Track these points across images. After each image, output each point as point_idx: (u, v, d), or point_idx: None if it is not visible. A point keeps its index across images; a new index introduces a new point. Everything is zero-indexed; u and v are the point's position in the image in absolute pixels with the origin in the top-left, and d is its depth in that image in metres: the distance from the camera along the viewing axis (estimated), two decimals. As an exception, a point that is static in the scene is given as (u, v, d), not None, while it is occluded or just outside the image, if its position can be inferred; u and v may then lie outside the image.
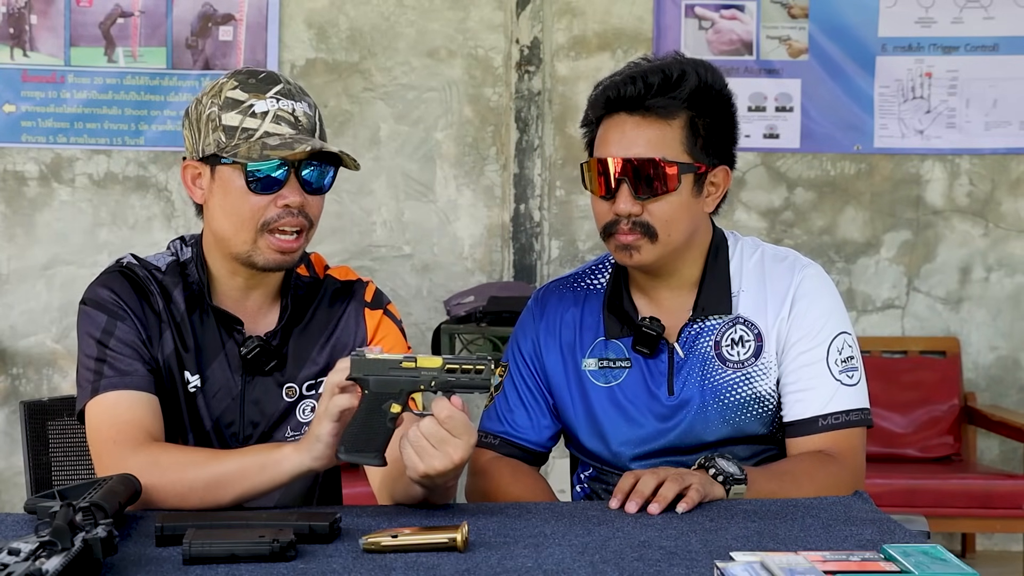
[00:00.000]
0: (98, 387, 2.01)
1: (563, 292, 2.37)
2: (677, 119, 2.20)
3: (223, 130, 2.02)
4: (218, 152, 2.03)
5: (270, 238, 2.03)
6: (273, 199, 2.02)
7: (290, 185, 2.03)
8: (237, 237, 2.04)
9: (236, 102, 2.03)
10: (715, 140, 2.24)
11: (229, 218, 2.05)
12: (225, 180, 2.04)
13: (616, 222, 2.20)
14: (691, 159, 2.20)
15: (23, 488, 2.70)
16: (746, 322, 2.26)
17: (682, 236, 2.22)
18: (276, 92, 2.04)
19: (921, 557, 1.48)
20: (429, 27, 5.18)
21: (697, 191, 2.22)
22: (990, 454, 5.20)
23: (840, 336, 2.25)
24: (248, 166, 2.00)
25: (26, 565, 1.38)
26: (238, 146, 2.01)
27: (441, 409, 1.82)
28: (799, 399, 2.23)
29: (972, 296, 5.24)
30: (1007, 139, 5.20)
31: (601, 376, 2.29)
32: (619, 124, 2.21)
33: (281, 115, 2.02)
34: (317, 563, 1.60)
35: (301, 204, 2.03)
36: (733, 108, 2.28)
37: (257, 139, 2.01)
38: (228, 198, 2.04)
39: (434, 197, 5.21)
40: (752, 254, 2.31)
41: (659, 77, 2.19)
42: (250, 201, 2.02)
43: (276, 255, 2.04)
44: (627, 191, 2.18)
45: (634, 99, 2.19)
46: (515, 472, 2.29)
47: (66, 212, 5.13)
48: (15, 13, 5.05)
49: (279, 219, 2.02)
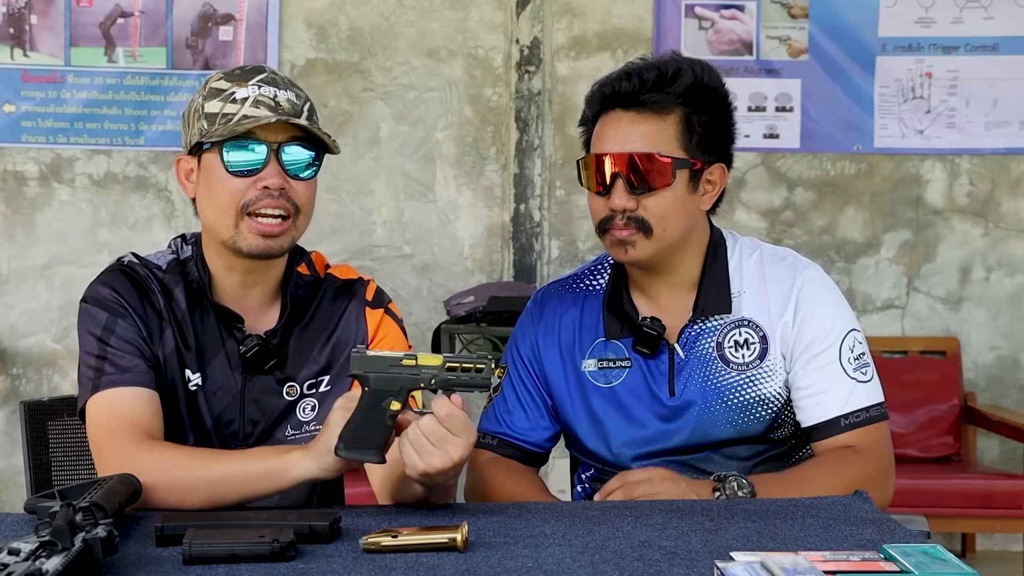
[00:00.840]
0: (99, 384, 2.01)
1: (562, 293, 2.37)
2: (672, 115, 2.20)
3: (205, 118, 2.04)
4: (201, 140, 2.05)
5: (251, 221, 2.03)
6: (253, 181, 2.03)
7: (270, 168, 2.03)
8: (221, 223, 2.05)
9: (218, 91, 2.05)
10: (711, 138, 2.24)
11: (213, 204, 2.06)
12: (208, 167, 2.06)
13: (611, 218, 2.20)
14: (686, 155, 2.21)
15: (23, 488, 2.70)
16: (750, 323, 2.26)
17: (677, 232, 2.22)
18: (259, 80, 2.05)
19: (921, 557, 1.48)
20: (429, 27, 5.18)
21: (692, 188, 2.23)
22: (990, 454, 5.20)
23: (850, 334, 2.25)
24: (224, 148, 2.02)
25: (26, 565, 1.37)
26: (216, 130, 2.02)
27: (441, 407, 1.82)
28: (817, 402, 2.23)
29: (972, 296, 5.24)
30: (1007, 139, 5.20)
31: (601, 376, 2.29)
32: (615, 120, 2.22)
33: (261, 100, 2.03)
34: (317, 563, 1.59)
35: (281, 186, 2.03)
36: (730, 106, 2.28)
37: (234, 123, 2.02)
38: (210, 184, 2.06)
39: (434, 197, 5.22)
40: (751, 254, 2.31)
41: (654, 74, 2.20)
42: (230, 184, 2.03)
43: (258, 239, 2.04)
44: (622, 186, 2.18)
45: (629, 95, 2.20)
46: (510, 471, 2.29)
47: (66, 212, 5.13)
48: (15, 13, 5.05)
49: (258, 201, 2.03)
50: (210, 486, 1.90)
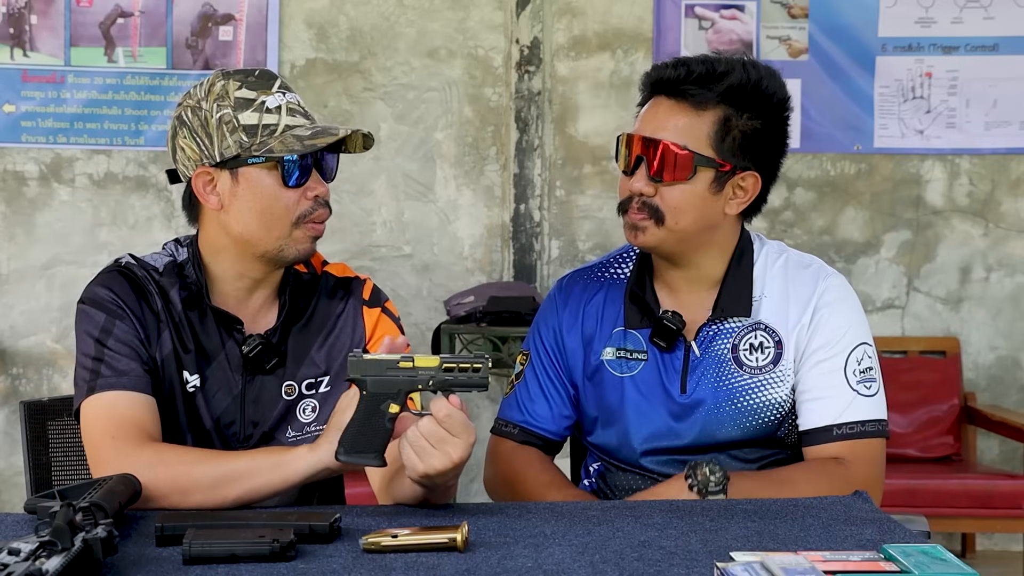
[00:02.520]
0: (94, 386, 2.01)
1: (588, 281, 2.37)
2: (709, 112, 2.19)
3: (243, 130, 2.02)
4: (242, 153, 2.02)
5: (307, 227, 2.06)
6: (302, 192, 2.04)
7: (314, 176, 2.05)
8: (269, 235, 2.04)
9: (248, 101, 2.03)
10: (753, 144, 2.20)
11: (260, 217, 2.04)
12: (252, 180, 2.03)
13: (630, 199, 2.21)
14: (715, 155, 2.19)
15: (23, 488, 2.70)
16: (767, 328, 2.25)
17: (691, 227, 2.21)
18: (279, 87, 2.06)
19: (921, 557, 1.48)
20: (429, 27, 5.18)
21: (716, 188, 2.21)
22: (990, 454, 5.20)
23: (860, 347, 2.25)
24: (285, 161, 2.01)
25: (26, 565, 1.37)
26: (265, 143, 2.01)
27: (440, 408, 1.82)
28: (815, 408, 2.22)
29: (972, 296, 5.24)
30: (1007, 139, 5.20)
31: (617, 366, 2.29)
32: (655, 105, 2.24)
33: (292, 107, 2.05)
34: (317, 563, 1.59)
35: (327, 193, 2.06)
36: (785, 118, 2.24)
37: (282, 133, 2.01)
38: (258, 198, 2.04)
39: (434, 197, 5.21)
40: (777, 259, 2.30)
41: (703, 67, 2.20)
42: (284, 197, 2.03)
43: (309, 244, 2.07)
44: (643, 170, 2.20)
45: (672, 83, 2.21)
46: (543, 464, 2.31)
47: (66, 212, 5.13)
48: (15, 13, 5.05)
49: (313, 211, 2.05)
50: (214, 481, 1.89)
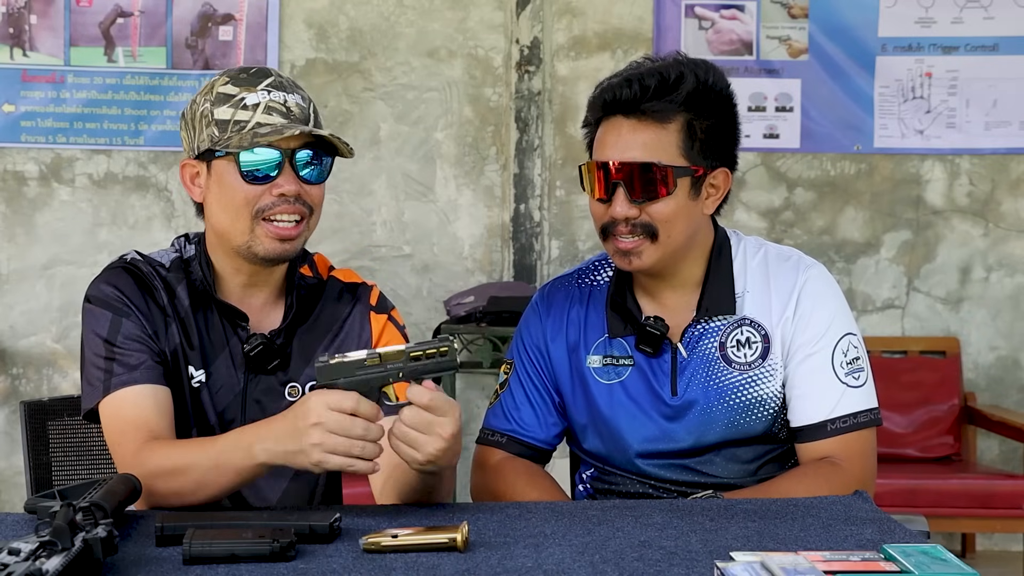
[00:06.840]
0: (109, 386, 2.02)
1: (569, 289, 2.37)
2: (673, 122, 2.18)
3: (216, 124, 2.04)
4: (212, 147, 2.04)
5: (267, 226, 2.03)
6: (268, 188, 2.03)
7: (285, 174, 2.03)
8: (234, 228, 2.05)
9: (227, 96, 2.04)
10: (714, 142, 2.22)
11: (226, 211, 2.05)
12: (220, 174, 2.05)
13: (614, 223, 2.19)
14: (688, 162, 2.19)
15: (23, 488, 2.70)
16: (752, 323, 2.25)
17: (682, 237, 2.21)
18: (267, 85, 2.05)
19: (921, 557, 1.48)
20: (429, 27, 5.18)
21: (695, 194, 2.21)
22: (990, 454, 5.20)
23: (845, 338, 2.24)
24: (240, 156, 2.01)
25: (26, 565, 1.37)
26: (231, 138, 2.02)
27: (420, 396, 1.82)
28: (805, 405, 2.22)
29: (972, 296, 5.24)
30: (1007, 139, 5.20)
31: (604, 373, 2.28)
32: (615, 127, 2.20)
33: (273, 106, 2.03)
34: (317, 563, 1.59)
35: (297, 193, 2.03)
36: (734, 109, 2.25)
37: (249, 130, 2.01)
38: (223, 191, 2.05)
39: (434, 197, 5.21)
40: (755, 253, 2.30)
41: (655, 80, 2.17)
42: (244, 190, 2.03)
43: (275, 243, 2.04)
44: (623, 194, 2.17)
45: (630, 102, 2.18)
46: (531, 476, 2.28)
47: (66, 212, 5.13)
48: (15, 13, 5.04)
49: (273, 207, 2.03)
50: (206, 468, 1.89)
